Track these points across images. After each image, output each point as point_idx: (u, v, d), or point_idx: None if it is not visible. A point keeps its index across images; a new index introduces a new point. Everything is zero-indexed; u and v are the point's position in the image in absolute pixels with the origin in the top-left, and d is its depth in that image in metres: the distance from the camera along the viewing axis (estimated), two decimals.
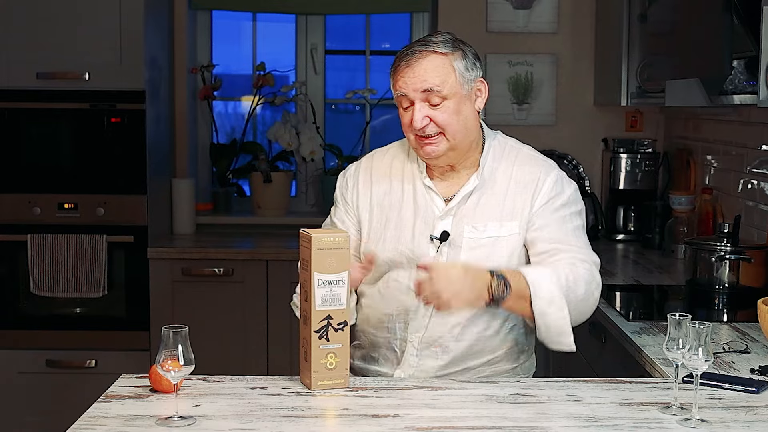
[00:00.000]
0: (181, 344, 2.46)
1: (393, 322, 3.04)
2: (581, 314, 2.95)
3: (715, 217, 4.87)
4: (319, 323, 2.67)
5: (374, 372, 3.10)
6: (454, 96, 2.92)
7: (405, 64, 2.93)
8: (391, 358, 3.07)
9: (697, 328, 2.46)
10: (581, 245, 2.99)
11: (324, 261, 2.65)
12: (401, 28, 6.41)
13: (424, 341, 3.00)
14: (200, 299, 5.41)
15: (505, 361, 3.08)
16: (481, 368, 3.05)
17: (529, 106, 5.92)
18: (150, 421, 2.48)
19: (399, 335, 3.03)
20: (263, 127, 6.44)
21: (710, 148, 5.10)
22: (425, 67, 2.91)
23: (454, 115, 2.93)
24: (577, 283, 2.88)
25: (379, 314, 3.06)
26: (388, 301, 3.04)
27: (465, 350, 3.01)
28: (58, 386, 5.36)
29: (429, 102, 2.91)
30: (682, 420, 2.49)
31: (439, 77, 2.90)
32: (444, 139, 2.94)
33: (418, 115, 2.91)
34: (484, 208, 3.00)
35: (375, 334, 3.09)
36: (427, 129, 2.92)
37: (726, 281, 4.06)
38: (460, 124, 2.94)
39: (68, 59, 5.26)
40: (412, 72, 2.91)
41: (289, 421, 2.48)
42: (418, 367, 3.02)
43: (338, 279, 2.68)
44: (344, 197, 3.17)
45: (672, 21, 4.35)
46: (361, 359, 3.14)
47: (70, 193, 5.35)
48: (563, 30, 5.90)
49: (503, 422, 2.49)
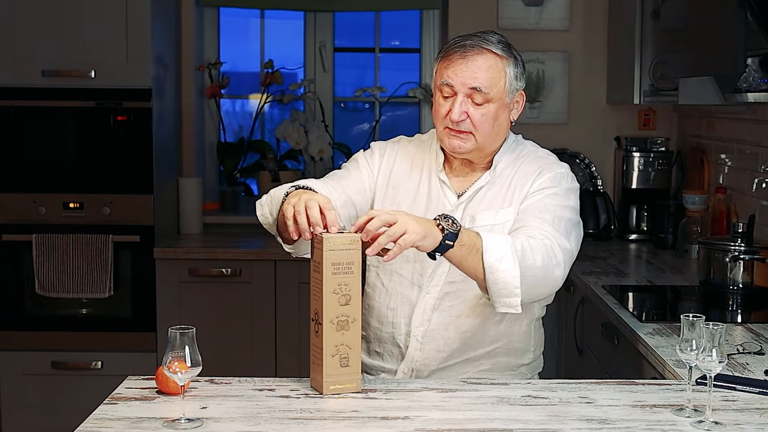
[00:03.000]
0: (188, 345, 2.45)
1: (397, 316, 3.07)
2: (536, 288, 2.82)
3: (729, 217, 4.87)
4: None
5: (378, 368, 3.14)
6: (498, 101, 2.95)
7: (460, 55, 2.93)
8: (395, 353, 3.10)
9: (710, 329, 2.44)
10: (553, 229, 2.89)
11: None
12: (411, 26, 6.41)
13: (427, 334, 3.03)
14: (207, 300, 5.40)
15: (507, 354, 3.09)
16: (482, 360, 3.07)
17: (540, 104, 5.91)
18: (157, 423, 2.46)
19: (403, 330, 3.06)
20: (271, 125, 6.45)
21: (724, 147, 5.09)
22: (480, 64, 2.92)
23: (491, 120, 2.94)
24: (534, 251, 2.78)
25: (383, 308, 3.10)
26: (392, 296, 3.08)
27: (467, 340, 3.03)
28: (64, 388, 5.36)
29: (472, 99, 2.92)
30: (696, 422, 2.47)
31: (491, 79, 2.92)
32: (473, 139, 2.95)
33: (459, 109, 2.92)
34: (491, 201, 3.03)
35: (380, 328, 3.12)
36: (462, 124, 2.93)
37: (740, 282, 4.04)
38: (492, 130, 2.97)
39: (74, 57, 5.25)
40: (466, 65, 2.92)
41: (298, 423, 2.46)
42: (421, 361, 3.05)
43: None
44: (366, 160, 3.19)
45: (685, 18, 4.34)
46: (365, 352, 3.17)
47: (76, 193, 5.34)
48: (575, 27, 5.90)
49: (514, 424, 2.47)
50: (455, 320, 3.02)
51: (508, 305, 2.79)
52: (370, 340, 3.17)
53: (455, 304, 3.01)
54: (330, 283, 2.63)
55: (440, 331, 3.02)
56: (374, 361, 3.15)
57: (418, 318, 3.03)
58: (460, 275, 2.90)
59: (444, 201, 3.05)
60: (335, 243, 2.63)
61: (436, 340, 3.03)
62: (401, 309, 3.06)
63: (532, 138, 3.20)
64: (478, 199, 3.03)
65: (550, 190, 2.97)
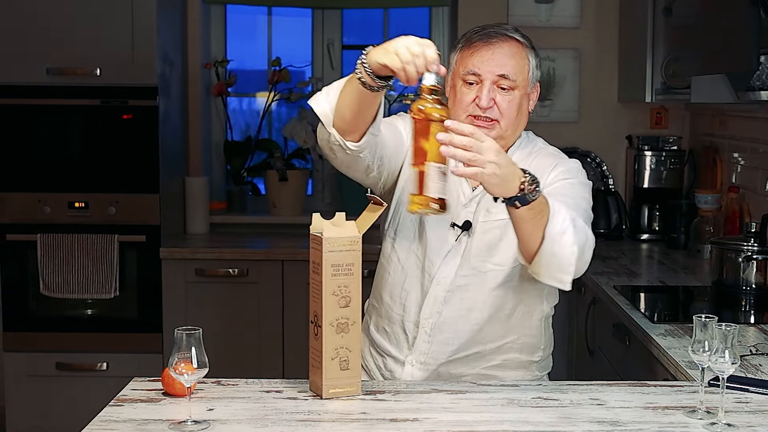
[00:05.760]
0: (195, 346, 2.44)
1: (409, 300, 3.04)
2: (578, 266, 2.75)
3: (741, 217, 4.85)
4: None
5: (385, 351, 3.11)
6: (522, 89, 2.96)
7: (484, 43, 2.93)
8: (402, 341, 3.07)
9: (723, 330, 2.43)
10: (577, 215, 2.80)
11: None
12: (420, 23, 6.40)
13: (436, 327, 3.00)
14: (214, 300, 5.38)
15: (517, 350, 3.07)
16: (492, 355, 3.05)
17: (551, 102, 5.90)
18: (163, 425, 2.45)
19: (412, 318, 3.04)
20: (279, 124, 6.45)
21: (737, 146, 5.08)
22: (506, 52, 2.93)
23: (515, 108, 2.94)
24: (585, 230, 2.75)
25: (397, 286, 3.07)
26: (408, 276, 3.05)
27: (476, 334, 3.01)
28: (69, 390, 5.35)
29: (498, 86, 2.92)
30: (708, 424, 2.45)
31: (517, 66, 2.93)
32: (498, 126, 2.93)
33: (487, 95, 2.90)
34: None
35: (391, 306, 3.09)
36: (489, 111, 2.91)
37: (753, 282, 4.03)
38: (516, 118, 2.96)
39: (79, 54, 5.24)
40: (491, 53, 2.92)
41: (305, 425, 2.45)
42: (430, 354, 3.03)
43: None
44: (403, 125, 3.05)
45: (697, 15, 4.35)
46: (375, 326, 3.16)
47: (81, 192, 5.33)
48: (586, 24, 5.89)
49: (525, 426, 2.46)
50: (467, 314, 2.99)
51: (559, 280, 2.73)
52: (380, 314, 3.14)
53: (466, 297, 2.98)
54: (329, 284, 2.61)
55: (450, 323, 3.00)
56: (381, 338, 3.12)
57: (428, 309, 3.00)
58: (471, 269, 2.92)
59: (459, 192, 3.01)
60: (335, 244, 2.61)
61: (446, 333, 3.01)
62: (413, 293, 3.03)
63: (542, 136, 3.19)
64: None
65: (568, 180, 2.95)
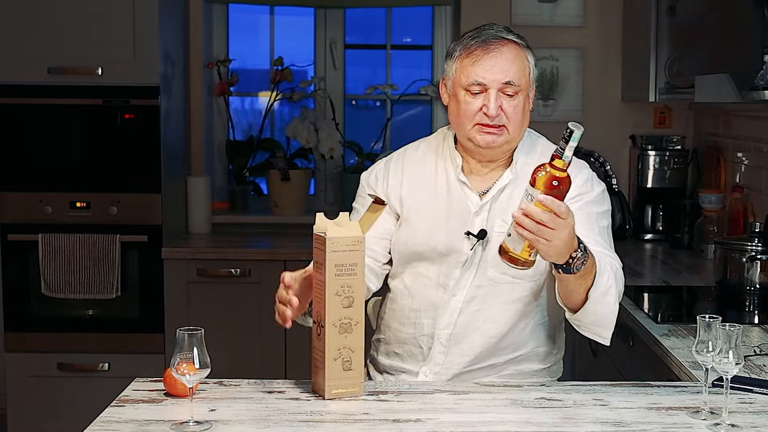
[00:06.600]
0: (197, 347, 2.45)
1: (420, 318, 3.03)
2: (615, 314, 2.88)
3: (745, 216, 4.84)
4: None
5: (398, 369, 3.10)
6: (524, 91, 2.94)
7: (483, 50, 2.90)
8: (417, 354, 3.06)
9: (727, 330, 2.44)
10: (611, 247, 2.94)
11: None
12: (423, 22, 6.40)
13: (452, 338, 2.99)
14: (216, 300, 5.38)
15: (531, 360, 3.07)
16: (506, 365, 3.04)
17: (554, 101, 5.89)
18: (165, 426, 2.46)
19: (426, 331, 3.02)
20: (281, 123, 6.44)
21: (741, 145, 5.08)
22: (506, 57, 2.90)
23: (521, 110, 2.93)
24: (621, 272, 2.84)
25: (405, 310, 3.06)
26: (415, 297, 3.03)
27: (492, 346, 2.99)
28: (70, 390, 5.35)
29: (503, 92, 2.89)
30: (712, 425, 2.46)
31: (519, 70, 2.91)
32: (506, 131, 2.92)
33: (495, 104, 2.88)
34: (516, 202, 2.92)
35: (400, 329, 3.08)
36: (497, 119, 2.89)
37: (757, 282, 4.02)
38: (522, 121, 2.95)
39: (80, 53, 5.24)
40: (493, 61, 2.89)
41: (308, 426, 2.45)
42: (444, 365, 3.01)
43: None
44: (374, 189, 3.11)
45: (701, 14, 4.36)
46: (384, 354, 3.15)
47: (83, 192, 5.33)
48: (590, 23, 5.88)
49: (528, 427, 2.46)
50: (483, 325, 2.98)
51: (598, 335, 2.85)
52: (389, 342, 3.13)
53: (482, 309, 2.96)
54: (333, 284, 2.61)
55: (466, 335, 2.99)
56: (393, 362, 3.12)
57: (444, 321, 2.99)
58: (487, 280, 2.92)
59: (466, 203, 2.99)
60: (338, 244, 2.61)
61: (461, 344, 2.99)
62: (425, 311, 3.02)
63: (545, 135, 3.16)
64: (504, 198, 2.98)
65: (586, 197, 2.96)
